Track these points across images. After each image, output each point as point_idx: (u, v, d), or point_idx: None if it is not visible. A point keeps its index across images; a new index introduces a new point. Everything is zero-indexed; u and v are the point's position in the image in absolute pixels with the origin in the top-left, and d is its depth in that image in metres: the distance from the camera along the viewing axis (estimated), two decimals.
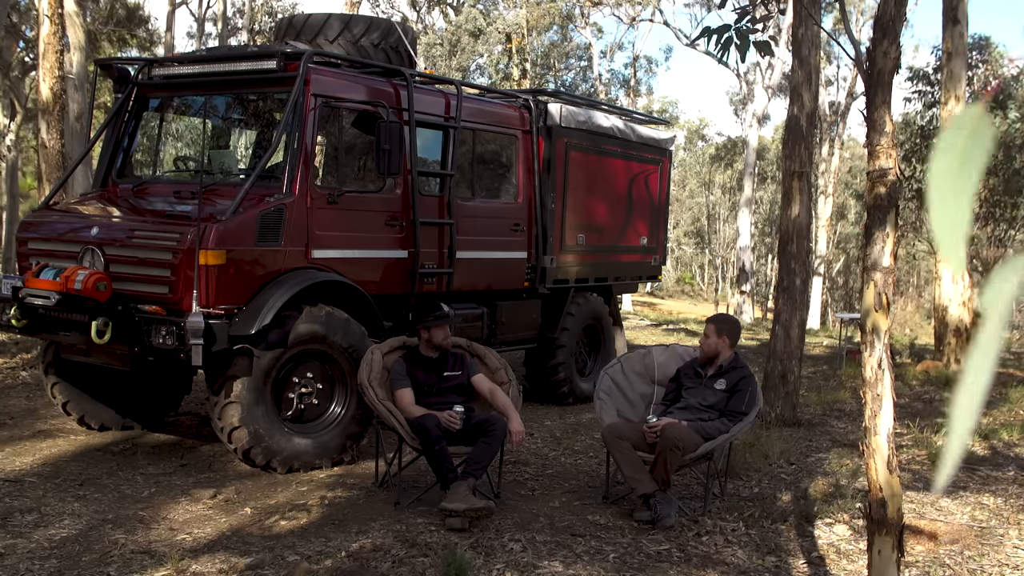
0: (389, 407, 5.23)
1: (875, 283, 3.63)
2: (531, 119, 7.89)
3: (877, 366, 3.55)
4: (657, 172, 9.51)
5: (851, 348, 12.21)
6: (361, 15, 7.69)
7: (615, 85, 33.43)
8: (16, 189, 22.62)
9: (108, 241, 5.78)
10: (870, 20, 25.26)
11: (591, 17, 30.88)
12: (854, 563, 4.55)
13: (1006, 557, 4.69)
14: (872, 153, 3.79)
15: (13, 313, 5.88)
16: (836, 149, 31.08)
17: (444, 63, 25.72)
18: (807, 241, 8.24)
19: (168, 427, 7.01)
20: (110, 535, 4.57)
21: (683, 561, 4.47)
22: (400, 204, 6.60)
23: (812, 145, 8.35)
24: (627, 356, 6.11)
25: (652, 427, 5.16)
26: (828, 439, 7.45)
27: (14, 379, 8.46)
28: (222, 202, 5.71)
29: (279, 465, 5.70)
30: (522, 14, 27.13)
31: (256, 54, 6.38)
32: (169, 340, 5.32)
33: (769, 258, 41.31)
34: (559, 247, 8.14)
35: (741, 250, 24.99)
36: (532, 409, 8.13)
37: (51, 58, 11.16)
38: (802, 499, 5.55)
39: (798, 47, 8.08)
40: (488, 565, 4.27)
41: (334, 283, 6.05)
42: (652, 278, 10.13)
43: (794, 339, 7.89)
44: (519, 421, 5.27)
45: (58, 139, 11.24)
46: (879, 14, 3.93)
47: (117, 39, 24.12)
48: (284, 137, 5.92)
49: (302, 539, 4.56)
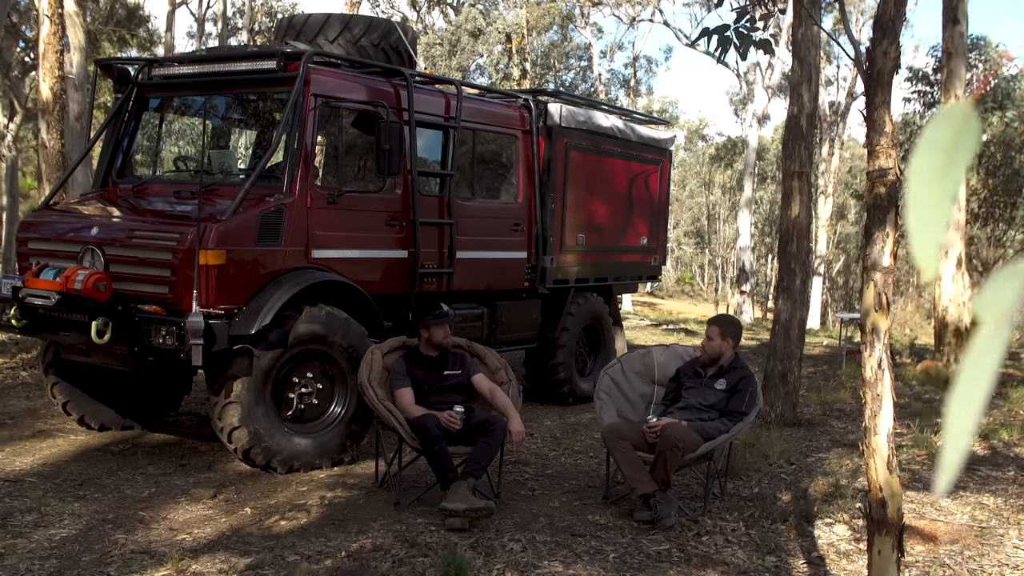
0: (389, 407, 5.23)
1: (875, 283, 3.63)
2: (531, 119, 7.89)
3: (877, 366, 3.55)
4: (657, 172, 9.51)
5: (851, 348, 12.21)
6: (361, 15, 7.69)
7: (615, 85, 33.44)
8: (16, 189, 22.61)
9: (108, 241, 5.78)
10: (870, 20, 25.25)
11: (591, 17, 30.90)
12: (854, 563, 4.55)
13: (1006, 557, 4.69)
14: (872, 153, 3.79)
15: (13, 313, 5.88)
16: (836, 149, 31.08)
17: (444, 63, 25.72)
18: (807, 241, 8.24)
19: (168, 427, 7.01)
20: (110, 535, 4.57)
21: (683, 561, 4.47)
22: (400, 204, 6.60)
23: (812, 145, 8.35)
24: (627, 356, 6.10)
25: (652, 427, 5.16)
26: (828, 439, 7.45)
27: (14, 379, 8.46)
28: (222, 202, 5.71)
29: (279, 465, 5.70)
30: (522, 14, 27.12)
31: (256, 54, 6.38)
32: (169, 340, 5.33)
33: (769, 258, 41.31)
34: (559, 247, 8.14)
35: (741, 250, 24.99)
36: (532, 409, 8.13)
37: (51, 58, 11.16)
38: (802, 499, 5.56)
39: (798, 47, 8.08)
40: (488, 565, 4.27)
41: (334, 283, 6.05)
42: (652, 278, 10.13)
43: (794, 339, 7.89)
44: (519, 421, 5.27)
45: (58, 139, 11.24)
46: (879, 14, 3.93)
47: (117, 39, 24.12)
48: (284, 137, 5.92)
49: (302, 539, 4.56)
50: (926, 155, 0.67)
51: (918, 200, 0.66)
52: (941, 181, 0.66)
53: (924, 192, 0.66)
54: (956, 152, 0.66)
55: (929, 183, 0.66)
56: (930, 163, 0.66)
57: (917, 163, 0.67)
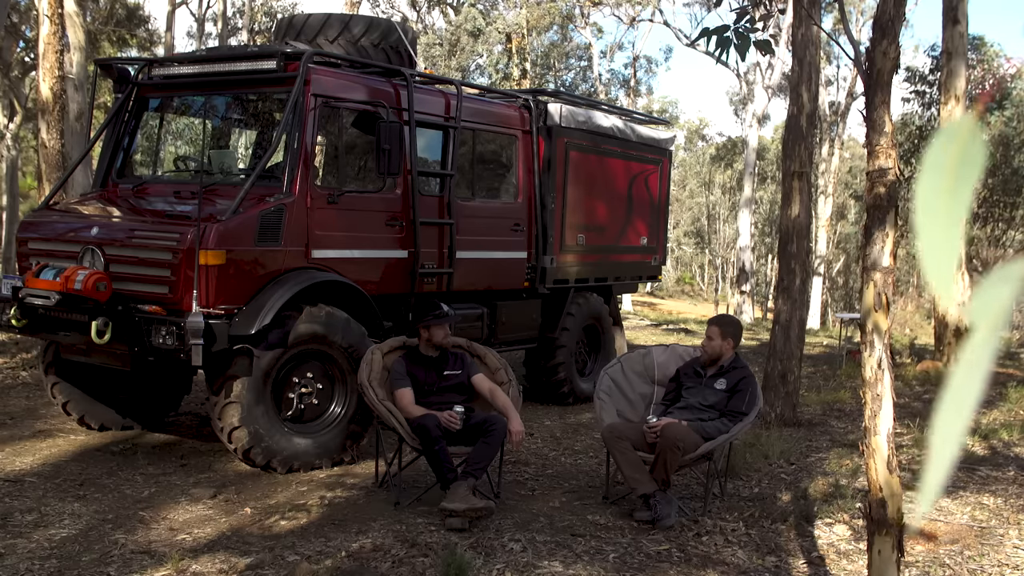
0: (389, 407, 5.24)
1: (875, 283, 3.63)
2: (531, 119, 7.89)
3: (877, 366, 3.55)
4: (657, 172, 9.51)
5: (851, 348, 12.21)
6: (361, 15, 7.69)
7: (615, 85, 33.43)
8: (16, 189, 22.60)
9: (108, 241, 5.78)
10: (870, 20, 25.23)
11: (591, 17, 30.90)
12: (854, 563, 4.55)
13: (1006, 557, 4.69)
14: (872, 153, 3.79)
15: (13, 313, 5.88)
16: (836, 149, 31.07)
17: (444, 63, 25.71)
18: (807, 241, 8.24)
19: (168, 427, 7.01)
20: (110, 535, 4.57)
21: (683, 561, 4.47)
22: (400, 204, 6.60)
23: (812, 145, 8.35)
24: (627, 356, 6.10)
25: (652, 427, 5.16)
26: (828, 439, 7.45)
27: (14, 379, 8.46)
28: (222, 202, 5.71)
29: (279, 465, 5.70)
30: (522, 14, 27.12)
31: (256, 54, 6.38)
32: (169, 340, 5.33)
33: (769, 258, 41.31)
34: (559, 247, 8.14)
35: (741, 250, 24.99)
36: (532, 409, 8.13)
37: (51, 58, 11.16)
38: (802, 499, 5.56)
39: (798, 47, 8.08)
40: (488, 565, 4.27)
41: (334, 283, 6.05)
42: (652, 278, 10.13)
43: (794, 339, 7.89)
44: (519, 421, 5.27)
45: (58, 139, 11.24)
46: (878, 14, 3.93)
47: (117, 39, 24.13)
48: (284, 137, 5.92)
49: (302, 539, 4.56)
50: (932, 178, 0.64)
51: (928, 227, 0.63)
52: (949, 204, 0.63)
53: (933, 218, 0.63)
54: (962, 171, 0.63)
55: (937, 208, 0.63)
56: (937, 186, 0.63)
57: (923, 188, 0.64)
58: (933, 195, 0.63)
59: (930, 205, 0.63)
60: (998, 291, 0.61)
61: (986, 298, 0.61)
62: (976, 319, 0.61)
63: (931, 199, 0.63)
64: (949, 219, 0.63)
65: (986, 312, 0.60)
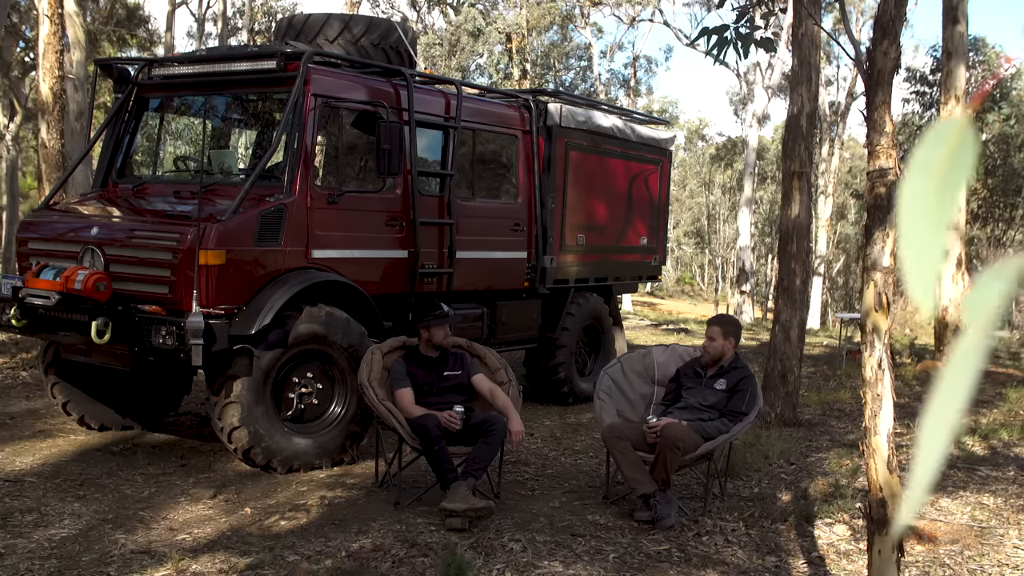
0: (389, 407, 5.23)
1: (875, 283, 3.63)
2: (531, 119, 7.88)
3: (877, 366, 3.55)
4: (657, 172, 9.51)
5: (851, 348, 12.21)
6: (361, 15, 7.69)
7: (615, 85, 33.42)
8: (16, 189, 22.61)
9: (108, 241, 5.77)
10: (870, 20, 25.26)
11: (591, 17, 30.89)
12: (854, 563, 4.55)
13: (1006, 557, 4.69)
14: (872, 153, 3.79)
15: (13, 313, 5.88)
16: (836, 149, 31.07)
17: (444, 63, 25.71)
18: (807, 241, 8.24)
19: (168, 427, 7.01)
20: (110, 535, 4.57)
21: (683, 561, 4.47)
22: (400, 204, 6.60)
23: (812, 145, 8.35)
24: (627, 356, 6.10)
25: (652, 427, 5.16)
26: (828, 439, 7.45)
27: (14, 379, 8.46)
28: (222, 202, 5.71)
29: (279, 465, 5.70)
30: (522, 14, 27.12)
31: (256, 54, 6.38)
32: (169, 340, 5.32)
33: (769, 258, 41.31)
34: (559, 247, 8.14)
35: (741, 250, 24.98)
36: (532, 409, 8.13)
37: (51, 58, 11.15)
38: (802, 499, 5.56)
39: (798, 47, 8.08)
40: (488, 565, 4.27)
41: (334, 283, 6.05)
42: (652, 278, 10.12)
43: (794, 339, 7.89)
44: (519, 421, 5.27)
45: (58, 139, 11.24)
46: (879, 14, 3.93)
47: (117, 39, 24.12)
48: (284, 137, 5.92)
49: (302, 539, 4.56)
50: (918, 179, 0.61)
51: (911, 231, 0.60)
52: (935, 208, 0.60)
53: (917, 222, 0.61)
54: (951, 174, 0.60)
55: (922, 212, 0.61)
56: (923, 188, 0.61)
57: (908, 190, 0.61)
58: (918, 198, 0.61)
59: (915, 208, 0.61)
60: (993, 288, 0.59)
61: (981, 295, 0.59)
62: (970, 316, 0.59)
63: (916, 202, 0.61)
64: (934, 224, 0.60)
65: (980, 309, 0.59)
